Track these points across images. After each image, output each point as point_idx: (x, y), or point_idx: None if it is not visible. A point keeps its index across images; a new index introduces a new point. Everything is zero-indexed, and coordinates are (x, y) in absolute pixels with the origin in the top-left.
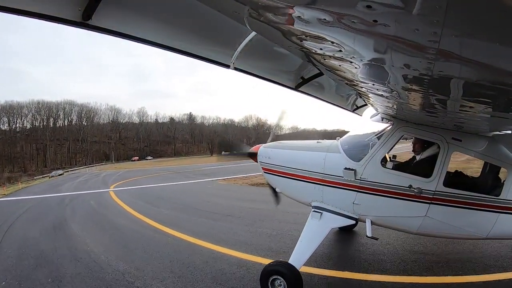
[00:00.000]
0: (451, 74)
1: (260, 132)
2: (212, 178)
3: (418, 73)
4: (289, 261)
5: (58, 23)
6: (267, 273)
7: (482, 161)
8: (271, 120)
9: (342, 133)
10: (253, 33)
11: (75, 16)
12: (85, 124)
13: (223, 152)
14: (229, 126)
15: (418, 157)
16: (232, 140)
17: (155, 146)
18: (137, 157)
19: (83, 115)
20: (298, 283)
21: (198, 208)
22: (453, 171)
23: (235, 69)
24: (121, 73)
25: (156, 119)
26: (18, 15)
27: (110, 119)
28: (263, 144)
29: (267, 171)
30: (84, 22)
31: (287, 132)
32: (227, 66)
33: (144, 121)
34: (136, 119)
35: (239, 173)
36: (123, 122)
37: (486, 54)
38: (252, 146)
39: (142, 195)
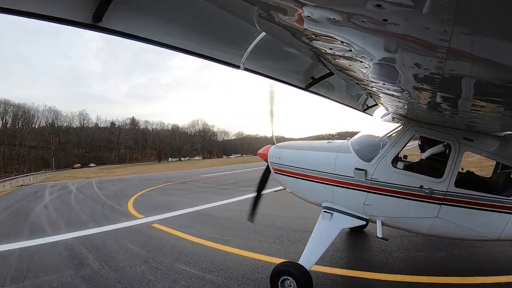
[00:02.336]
0: (462, 73)
1: (206, 138)
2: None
3: (429, 72)
4: (299, 262)
5: (69, 25)
6: (277, 273)
7: (494, 161)
8: (217, 126)
9: (282, 139)
10: (263, 34)
11: (86, 18)
12: (22, 126)
13: (169, 158)
14: (175, 132)
15: (424, 156)
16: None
17: (97, 152)
18: (79, 164)
19: (19, 116)
20: (308, 284)
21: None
22: (464, 171)
23: (245, 69)
24: (57, 75)
25: (97, 123)
26: (29, 18)
27: (49, 122)
28: (274, 145)
29: (278, 171)
30: (94, 24)
31: (232, 138)
32: (237, 67)
33: (85, 125)
34: (76, 123)
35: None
36: (63, 126)
37: (498, 53)
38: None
39: (241, 228)
